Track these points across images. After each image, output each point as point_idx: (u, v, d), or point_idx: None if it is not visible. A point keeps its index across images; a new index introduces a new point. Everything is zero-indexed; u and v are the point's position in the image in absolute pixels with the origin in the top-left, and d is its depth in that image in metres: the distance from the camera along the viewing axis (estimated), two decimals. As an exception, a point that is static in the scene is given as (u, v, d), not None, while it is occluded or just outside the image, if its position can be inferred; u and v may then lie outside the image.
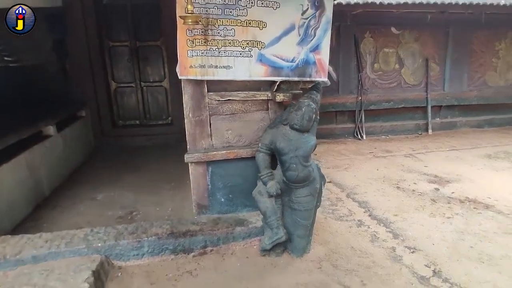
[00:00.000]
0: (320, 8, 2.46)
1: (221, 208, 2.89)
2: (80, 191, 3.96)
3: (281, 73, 2.55)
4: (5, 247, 2.48)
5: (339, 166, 4.82)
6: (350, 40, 6.19)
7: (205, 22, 2.29)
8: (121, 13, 5.72)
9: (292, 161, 2.44)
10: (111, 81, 5.99)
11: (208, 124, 2.70)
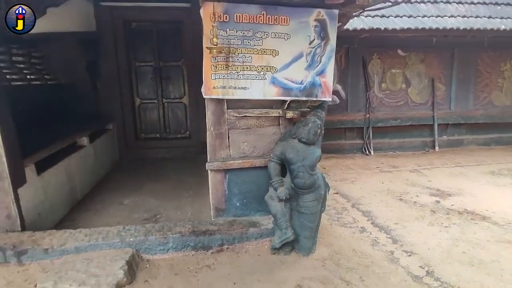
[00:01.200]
0: (325, 39, 2.87)
1: (236, 212, 3.25)
2: (108, 196, 4.39)
3: (291, 93, 2.95)
4: (52, 239, 2.89)
5: (346, 179, 5.12)
6: (358, 61, 6.58)
7: (226, 51, 2.73)
8: (147, 36, 6.30)
9: (300, 170, 2.79)
10: (136, 97, 6.52)
11: (227, 136, 3.09)
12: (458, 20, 5.83)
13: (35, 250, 2.77)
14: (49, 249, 2.78)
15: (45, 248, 2.78)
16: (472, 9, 6.11)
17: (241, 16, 2.71)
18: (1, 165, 2.84)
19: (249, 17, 2.72)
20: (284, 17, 2.76)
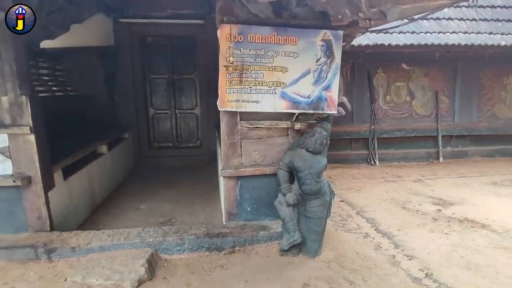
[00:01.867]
0: (331, 57, 3.12)
1: (247, 216, 3.47)
2: (125, 202, 4.65)
3: (299, 107, 3.20)
4: (78, 239, 3.15)
5: (352, 188, 5.32)
6: (363, 74, 6.83)
7: (240, 67, 3.00)
8: (162, 50, 6.65)
9: (307, 177, 3.02)
10: (150, 108, 6.84)
11: (239, 146, 3.34)
12: (459, 36, 6.06)
13: (63, 248, 3.03)
14: (76, 248, 3.03)
15: (72, 246, 3.04)
16: (473, 26, 6.34)
17: (254, 37, 2.98)
18: (34, 170, 3.12)
19: (261, 37, 2.99)
20: (293, 38, 3.03)
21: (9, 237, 3.13)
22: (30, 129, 3.04)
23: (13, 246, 3.01)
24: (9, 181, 3.06)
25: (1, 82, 2.95)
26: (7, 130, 3.02)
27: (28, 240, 3.10)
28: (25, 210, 3.18)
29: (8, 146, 3.05)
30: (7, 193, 3.11)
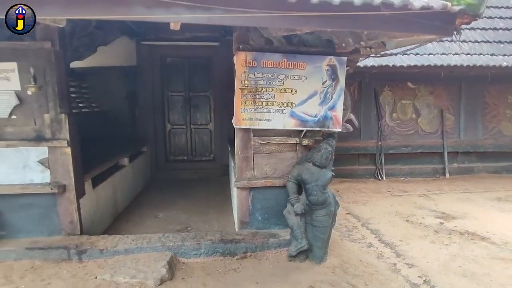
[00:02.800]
0: (336, 80, 3.46)
1: (258, 225, 3.76)
2: (144, 210, 4.99)
3: (307, 124, 3.52)
4: (105, 242, 3.48)
5: (358, 202, 5.55)
6: (370, 93, 7.13)
7: (254, 90, 3.36)
8: (180, 69, 7.12)
9: (314, 189, 3.31)
10: (167, 123, 7.26)
11: (252, 160, 3.67)
12: (462, 57, 6.34)
13: (92, 250, 3.36)
14: (104, 250, 3.36)
15: (100, 249, 3.37)
16: (475, 47, 6.62)
17: (267, 62, 3.35)
18: (69, 179, 3.50)
19: (273, 63, 3.36)
20: (301, 63, 3.39)
21: (44, 239, 3.49)
22: (67, 142, 3.44)
23: (49, 247, 3.36)
24: (47, 189, 3.44)
25: (44, 102, 3.37)
26: (48, 143, 3.42)
27: (61, 242, 3.45)
28: (59, 215, 3.55)
29: (48, 157, 3.45)
30: (44, 200, 3.49)
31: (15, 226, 3.49)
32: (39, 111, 3.39)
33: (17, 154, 3.42)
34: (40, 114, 3.39)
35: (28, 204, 3.47)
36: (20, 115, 3.39)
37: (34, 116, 3.40)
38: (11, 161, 3.42)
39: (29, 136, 3.42)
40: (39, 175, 3.47)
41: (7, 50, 3.24)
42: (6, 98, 3.34)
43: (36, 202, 3.48)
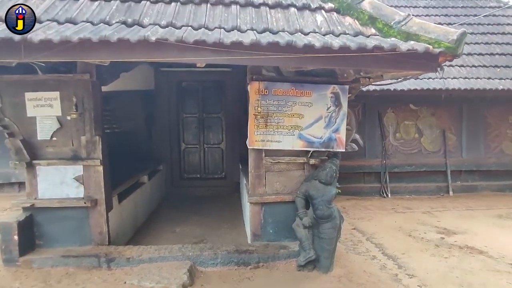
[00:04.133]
0: (339, 106, 3.86)
1: (269, 237, 4.08)
2: (161, 225, 5.35)
3: (313, 146, 3.90)
4: (131, 251, 3.84)
5: (363, 218, 5.83)
6: (374, 114, 7.50)
7: (266, 115, 3.77)
8: (194, 93, 7.63)
9: (320, 204, 3.66)
10: (181, 143, 7.72)
11: (264, 177, 4.04)
12: (460, 81, 6.71)
13: (120, 259, 3.73)
14: (130, 259, 3.73)
15: (127, 257, 3.73)
16: (473, 71, 6.98)
17: (277, 91, 3.78)
18: (100, 194, 3.91)
19: (282, 91, 3.79)
20: (308, 91, 3.81)
21: (77, 249, 3.87)
22: (100, 161, 3.87)
23: (81, 255, 3.74)
24: (81, 203, 3.85)
25: (81, 126, 3.83)
26: (83, 162, 3.86)
27: (92, 251, 3.82)
28: (90, 227, 3.94)
29: (82, 174, 3.88)
30: (78, 213, 3.90)
31: (51, 236, 3.88)
32: (77, 134, 3.85)
33: (56, 172, 3.85)
34: (78, 136, 3.84)
35: (63, 216, 3.87)
36: (60, 137, 3.85)
37: (72, 138, 3.86)
38: (51, 178, 3.85)
39: (67, 155, 3.86)
40: (74, 191, 3.89)
41: (51, 81, 3.73)
42: (49, 123, 3.81)
43: (71, 215, 3.88)
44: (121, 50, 2.42)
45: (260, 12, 3.19)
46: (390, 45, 2.52)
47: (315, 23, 3.10)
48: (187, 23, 2.82)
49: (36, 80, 3.68)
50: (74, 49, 2.40)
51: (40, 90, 3.76)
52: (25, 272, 3.61)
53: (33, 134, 3.82)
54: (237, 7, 3.20)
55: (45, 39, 2.30)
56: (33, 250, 3.83)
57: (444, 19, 8.42)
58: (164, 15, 2.93)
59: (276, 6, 3.30)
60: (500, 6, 8.87)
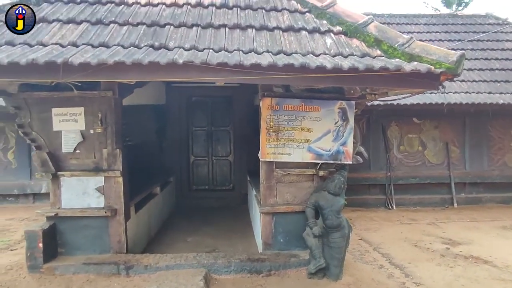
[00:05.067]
0: (346, 121, 4.08)
1: (280, 246, 4.24)
2: (174, 235, 5.52)
3: (322, 158, 4.11)
4: (149, 259, 4.02)
5: (370, 229, 5.97)
6: (378, 127, 7.71)
7: (277, 129, 4.00)
8: (204, 107, 7.89)
9: (329, 214, 3.84)
10: (191, 155, 7.94)
11: (275, 188, 4.23)
12: (461, 95, 6.93)
13: (138, 266, 3.90)
14: (148, 266, 3.90)
15: (145, 265, 3.91)
16: (474, 86, 7.22)
17: (288, 106, 4.02)
18: (120, 204, 4.12)
19: (293, 106, 4.02)
20: (316, 107, 4.04)
21: (97, 256, 4.05)
22: (120, 173, 4.09)
23: (102, 263, 3.92)
24: (101, 212, 4.05)
25: (104, 139, 4.07)
26: (104, 174, 4.08)
27: (112, 259, 4.00)
28: (110, 235, 4.13)
29: (103, 185, 4.10)
30: (98, 222, 4.09)
31: (73, 245, 4.07)
32: (99, 147, 4.08)
33: (79, 183, 4.07)
34: (100, 149, 4.08)
35: (85, 225, 4.07)
36: (83, 150, 4.09)
37: (94, 150, 4.09)
38: (74, 188, 4.07)
39: (89, 167, 4.09)
40: (96, 200, 4.10)
41: (77, 98, 3.98)
42: (73, 136, 4.06)
43: (92, 224, 4.08)
44: (150, 71, 2.67)
45: (274, 35, 3.47)
46: (395, 66, 2.76)
47: (325, 45, 3.36)
48: (208, 46, 3.09)
49: (63, 96, 3.93)
50: (108, 70, 2.65)
51: (66, 106, 4.02)
52: (48, 278, 3.79)
53: (58, 147, 4.06)
54: (253, 30, 3.48)
55: (84, 62, 2.56)
56: (56, 258, 4.01)
57: (444, 35, 8.73)
58: (187, 39, 3.21)
59: (288, 29, 3.57)
60: (499, 23, 9.17)
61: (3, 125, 7.46)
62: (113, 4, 3.68)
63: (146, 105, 7.42)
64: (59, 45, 2.96)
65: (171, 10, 3.63)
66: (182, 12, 3.62)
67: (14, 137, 7.49)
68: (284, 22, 3.65)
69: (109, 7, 3.62)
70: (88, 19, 3.37)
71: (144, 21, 3.39)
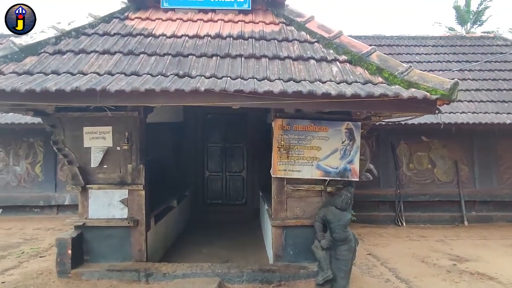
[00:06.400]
0: (353, 140, 4.36)
1: (290, 258, 4.48)
2: (189, 247, 5.80)
3: (330, 175, 4.38)
4: (167, 268, 4.32)
5: (378, 244, 6.11)
6: (387, 145, 7.91)
7: (288, 147, 4.31)
8: (218, 124, 8.29)
9: (336, 228, 4.07)
10: (205, 170, 8.29)
11: (285, 203, 4.50)
12: (468, 115, 7.11)
13: (157, 274, 4.20)
14: (166, 274, 4.19)
15: (164, 273, 4.20)
16: (481, 106, 7.39)
17: (298, 126, 4.34)
18: (141, 215, 4.46)
19: (303, 127, 4.34)
20: (325, 127, 4.34)
21: (119, 264, 4.37)
22: (143, 186, 4.45)
23: (124, 270, 4.24)
24: (125, 223, 4.40)
25: (129, 155, 4.46)
26: (128, 187, 4.45)
27: (133, 266, 4.32)
28: (131, 245, 4.45)
29: (127, 198, 4.46)
30: (121, 231, 4.43)
31: (97, 252, 4.41)
32: (124, 162, 4.47)
33: (105, 195, 4.45)
34: (125, 164, 4.46)
35: (108, 234, 4.42)
36: (110, 165, 4.48)
37: (120, 165, 4.48)
38: (100, 200, 4.44)
39: (115, 181, 4.47)
40: (119, 212, 4.45)
41: (106, 118, 4.38)
42: (101, 152, 4.46)
43: (115, 234, 4.43)
44: (176, 97, 3.05)
45: (285, 64, 3.83)
46: (394, 93, 3.06)
47: (331, 73, 3.69)
48: (226, 74, 3.46)
49: (93, 116, 4.35)
50: (139, 96, 3.04)
51: (96, 125, 4.44)
52: (76, 283, 4.12)
53: (88, 162, 4.46)
54: (266, 59, 3.86)
55: (119, 89, 2.96)
56: (82, 264, 4.35)
57: (452, 57, 8.97)
58: (208, 67, 3.60)
59: (298, 58, 3.94)
60: (507, 45, 9.38)
61: (32, 140, 8.01)
62: (142, 36, 4.15)
63: (164, 123, 7.83)
64: (96, 73, 3.40)
65: (193, 42, 4.07)
66: (203, 43, 4.05)
67: (42, 151, 8.03)
68: (294, 52, 4.03)
69: (138, 39, 4.09)
70: (121, 50, 3.82)
71: (170, 51, 3.83)
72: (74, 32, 4.04)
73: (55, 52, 3.73)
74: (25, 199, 7.89)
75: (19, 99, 3.06)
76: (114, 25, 4.33)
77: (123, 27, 4.30)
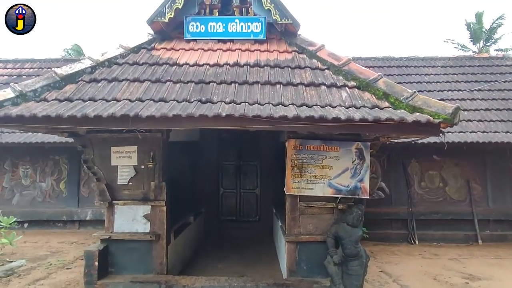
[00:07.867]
0: (362, 160, 4.59)
1: (303, 273, 4.65)
2: (206, 261, 6.03)
3: (341, 193, 4.59)
4: (186, 280, 4.55)
5: (391, 262, 6.20)
6: (399, 164, 8.05)
7: (301, 166, 4.57)
8: (233, 142, 8.61)
9: (348, 244, 4.26)
10: (220, 187, 8.58)
11: (298, 219, 4.72)
12: (478, 134, 7.24)
13: (177, 286, 4.44)
14: (186, 286, 4.43)
15: (183, 285, 4.44)
16: (491, 126, 7.51)
17: (310, 146, 4.61)
18: (163, 230, 4.74)
19: (315, 147, 4.60)
20: (336, 147, 4.60)
21: (141, 276, 4.63)
22: (165, 203, 4.76)
23: (146, 281, 4.50)
24: (147, 237, 4.69)
25: (152, 173, 4.79)
26: (151, 203, 4.76)
27: (154, 278, 4.57)
28: (153, 258, 4.72)
29: (150, 213, 4.76)
30: (144, 245, 4.72)
31: (121, 265, 4.69)
32: (148, 180, 4.80)
33: (130, 210, 4.77)
34: (148, 182, 4.79)
35: (132, 248, 4.71)
36: (134, 182, 4.82)
37: (143, 183, 4.81)
38: (125, 215, 4.76)
39: (139, 197, 4.79)
40: (142, 226, 4.75)
41: (132, 138, 4.75)
42: (127, 170, 4.81)
43: (138, 247, 4.71)
44: (199, 121, 3.39)
45: (298, 90, 4.16)
46: (399, 117, 3.31)
47: (341, 98, 3.99)
48: (244, 99, 3.80)
49: (120, 137, 4.73)
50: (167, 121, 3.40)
51: (122, 145, 4.81)
52: (101, 293, 4.39)
53: (114, 179, 4.81)
54: (280, 86, 4.19)
55: (150, 115, 3.32)
56: (107, 276, 4.63)
57: (461, 77, 9.16)
58: (227, 94, 3.95)
59: (310, 84, 4.25)
60: (516, 64, 9.52)
61: (58, 158, 8.50)
62: (167, 65, 4.57)
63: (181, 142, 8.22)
64: (128, 100, 3.78)
65: (214, 69, 4.45)
66: (222, 71, 4.43)
67: (67, 168, 8.49)
68: (306, 78, 4.35)
69: (164, 68, 4.50)
70: (149, 78, 4.23)
71: (193, 79, 4.21)
72: (107, 62, 4.50)
73: (91, 80, 4.17)
74: (49, 214, 8.30)
75: (62, 124, 3.45)
76: (142, 55, 4.78)
77: (150, 57, 4.74)
